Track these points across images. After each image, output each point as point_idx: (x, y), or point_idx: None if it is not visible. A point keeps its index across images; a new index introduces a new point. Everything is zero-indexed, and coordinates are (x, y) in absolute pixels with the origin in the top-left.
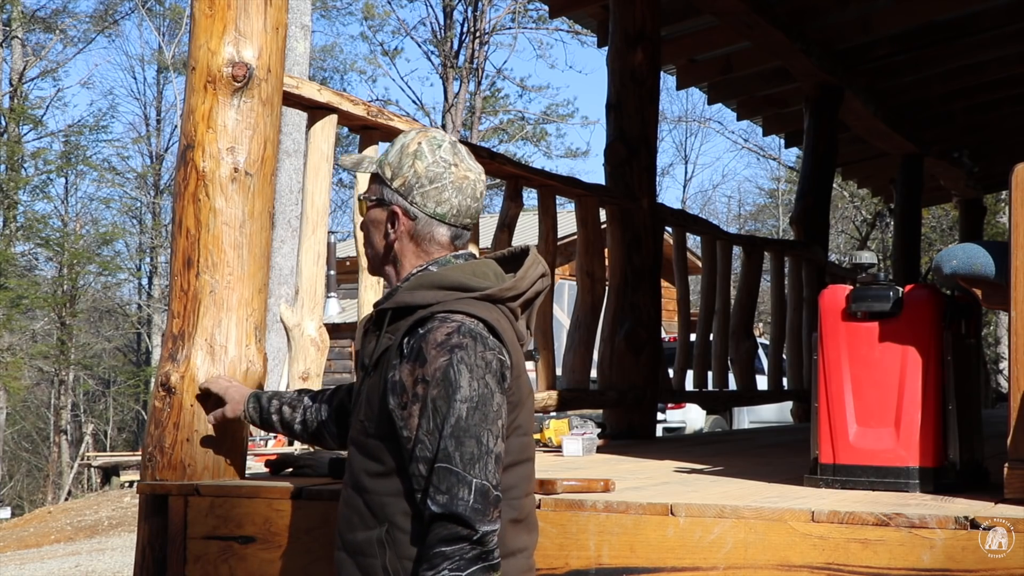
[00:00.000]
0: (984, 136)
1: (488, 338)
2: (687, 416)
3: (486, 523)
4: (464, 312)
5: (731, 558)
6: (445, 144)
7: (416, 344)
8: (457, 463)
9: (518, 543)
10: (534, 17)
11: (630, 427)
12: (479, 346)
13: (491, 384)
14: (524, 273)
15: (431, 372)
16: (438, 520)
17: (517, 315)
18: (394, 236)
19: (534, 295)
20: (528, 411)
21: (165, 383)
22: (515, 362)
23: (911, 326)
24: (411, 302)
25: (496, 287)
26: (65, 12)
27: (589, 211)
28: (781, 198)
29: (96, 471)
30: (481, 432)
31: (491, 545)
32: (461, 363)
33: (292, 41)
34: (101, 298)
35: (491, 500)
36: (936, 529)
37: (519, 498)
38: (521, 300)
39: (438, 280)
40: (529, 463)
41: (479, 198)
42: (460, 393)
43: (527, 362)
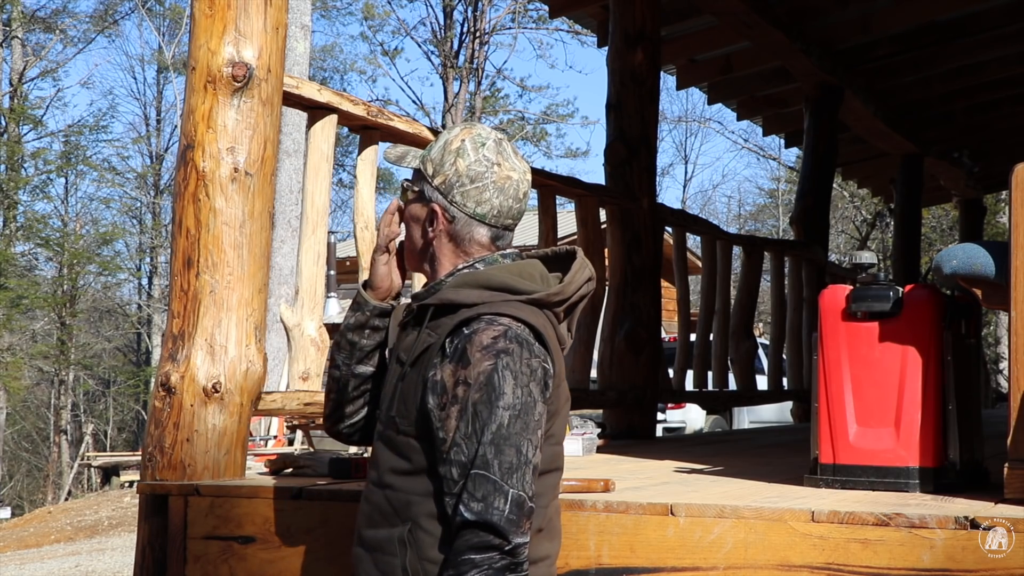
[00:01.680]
0: (984, 136)
1: (534, 344)
2: (687, 416)
3: (519, 534)
4: (511, 315)
5: (731, 558)
6: (489, 142)
7: (461, 345)
8: (495, 471)
9: (541, 551)
10: (534, 17)
11: (630, 427)
12: (525, 352)
13: (534, 392)
14: (572, 278)
15: (474, 375)
16: (470, 527)
17: (560, 318)
18: (432, 235)
19: (579, 299)
20: (562, 419)
21: (165, 383)
22: (557, 370)
23: (911, 326)
24: (456, 300)
25: (544, 291)
26: (65, 12)
27: (589, 211)
28: (781, 198)
29: (96, 471)
30: (521, 441)
31: (521, 557)
32: (506, 369)
33: (292, 41)
34: (101, 298)
35: (526, 511)
36: (936, 529)
37: (545, 507)
38: (567, 304)
39: (484, 280)
40: (557, 472)
41: (522, 198)
42: (504, 400)
43: None
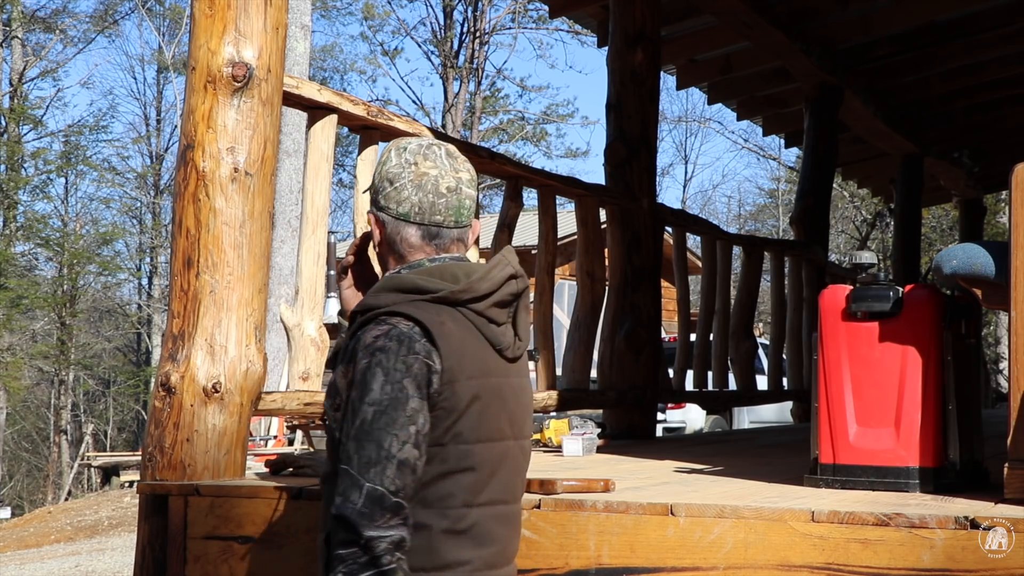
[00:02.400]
0: (984, 136)
1: (418, 342)
2: (687, 416)
3: (372, 528)
4: (406, 314)
5: (731, 558)
6: (412, 146)
7: (352, 346)
8: (354, 466)
9: (456, 555)
10: (534, 17)
11: (630, 427)
12: (403, 349)
13: (408, 388)
14: (485, 274)
15: (354, 374)
16: (334, 522)
17: (493, 319)
18: (377, 245)
19: (508, 297)
20: (477, 418)
21: (165, 383)
22: (450, 366)
23: (911, 326)
24: (371, 304)
25: (448, 289)
26: (65, 12)
27: (589, 211)
28: (781, 198)
29: (96, 471)
30: (384, 436)
31: (378, 550)
32: (378, 366)
33: (292, 41)
34: (101, 298)
35: (386, 506)
36: (936, 529)
37: (456, 507)
38: (490, 302)
39: (398, 282)
40: (472, 473)
41: (445, 192)
42: (370, 396)
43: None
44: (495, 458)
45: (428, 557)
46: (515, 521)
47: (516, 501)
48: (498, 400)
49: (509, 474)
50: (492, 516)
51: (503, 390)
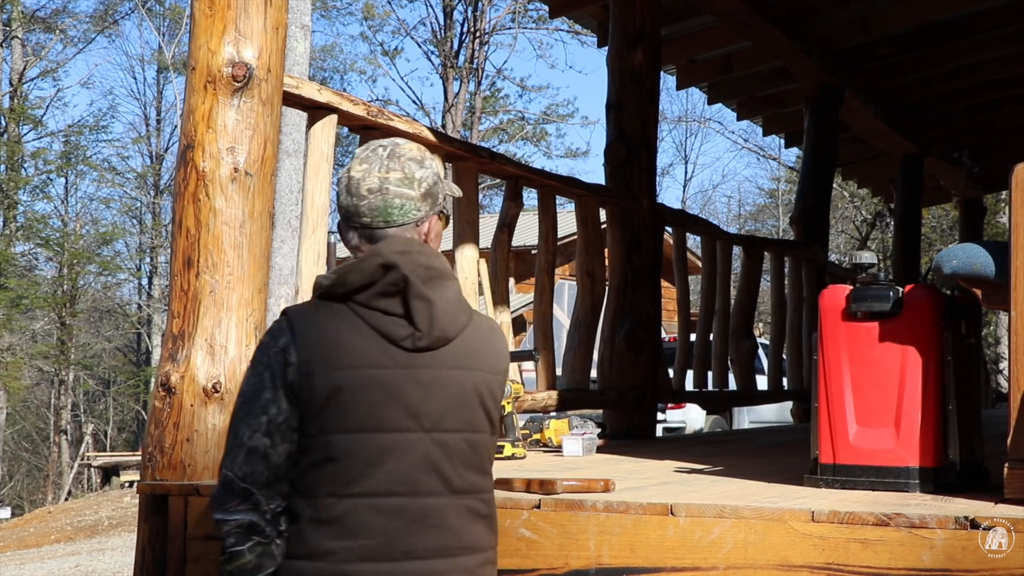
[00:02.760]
0: (984, 136)
1: (282, 336)
2: (687, 416)
3: (220, 512)
4: (284, 311)
5: (731, 558)
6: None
7: None
8: (224, 454)
9: (322, 545)
10: (534, 17)
11: (630, 427)
12: (269, 344)
13: (265, 380)
14: (355, 266)
15: None
16: None
17: (383, 310)
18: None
19: (390, 287)
20: (344, 409)
21: (165, 383)
22: (307, 359)
23: (911, 326)
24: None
25: (324, 286)
26: (65, 12)
27: (589, 211)
28: (781, 198)
29: (96, 471)
30: (240, 426)
31: (223, 531)
32: (251, 361)
33: (292, 41)
34: (101, 298)
35: (234, 491)
36: (936, 529)
37: (320, 497)
38: (373, 293)
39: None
40: (334, 463)
41: (366, 194)
42: (241, 388)
43: (527, 362)
44: (373, 448)
45: (298, 545)
46: (413, 514)
47: (417, 495)
48: (381, 391)
49: (404, 466)
50: (370, 508)
51: (394, 381)
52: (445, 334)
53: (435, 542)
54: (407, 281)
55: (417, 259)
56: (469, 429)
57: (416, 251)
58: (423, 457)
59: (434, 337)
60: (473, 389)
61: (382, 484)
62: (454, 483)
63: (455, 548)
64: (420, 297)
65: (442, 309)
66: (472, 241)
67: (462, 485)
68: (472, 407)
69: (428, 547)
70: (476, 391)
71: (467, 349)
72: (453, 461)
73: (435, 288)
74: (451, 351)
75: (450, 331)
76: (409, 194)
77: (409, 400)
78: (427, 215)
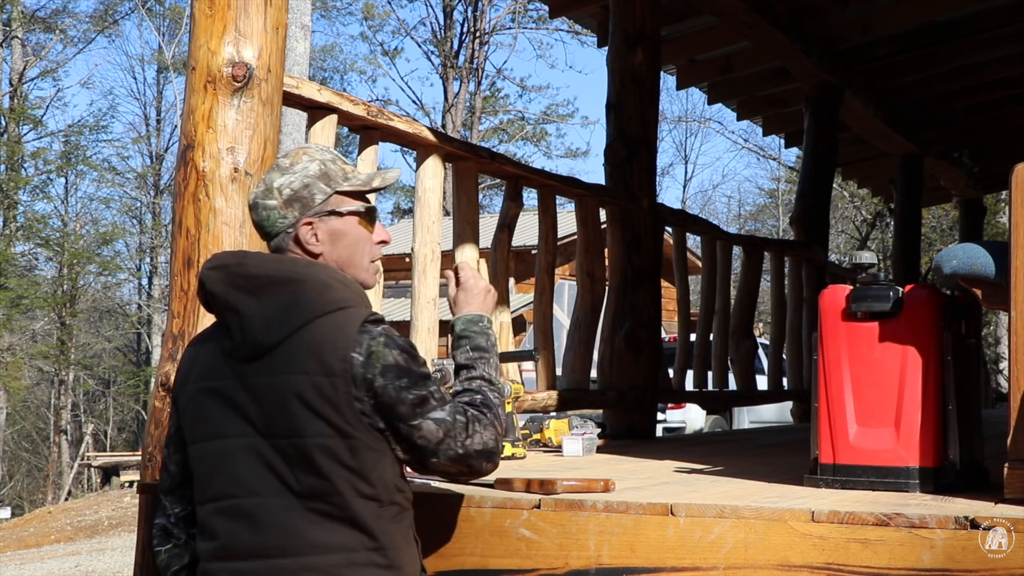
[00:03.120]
0: (984, 136)
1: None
2: (687, 416)
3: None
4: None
5: (731, 558)
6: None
7: None
8: None
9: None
10: (534, 17)
11: (630, 427)
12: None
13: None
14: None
15: None
16: None
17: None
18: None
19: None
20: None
21: (165, 383)
22: (178, 378)
23: (911, 326)
24: None
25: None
26: (65, 12)
27: (589, 211)
28: (781, 198)
29: (96, 471)
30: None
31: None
32: None
33: (292, 41)
34: (101, 298)
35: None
36: (936, 529)
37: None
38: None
39: None
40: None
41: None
42: None
43: (527, 362)
44: (214, 456)
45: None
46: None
47: (256, 495)
48: (218, 401)
49: (241, 470)
50: (215, 511)
51: (227, 391)
52: (259, 342)
53: (278, 541)
54: (213, 296)
55: (235, 270)
56: (293, 435)
57: (235, 263)
58: (260, 461)
59: (248, 346)
60: (294, 394)
61: (223, 488)
62: (293, 486)
63: (305, 547)
64: (229, 309)
65: (255, 318)
66: (472, 241)
67: (302, 489)
68: (293, 412)
69: (271, 545)
70: (298, 396)
71: (294, 354)
72: (290, 465)
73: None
74: (275, 358)
75: (266, 339)
76: (270, 204)
77: (244, 408)
78: (298, 220)
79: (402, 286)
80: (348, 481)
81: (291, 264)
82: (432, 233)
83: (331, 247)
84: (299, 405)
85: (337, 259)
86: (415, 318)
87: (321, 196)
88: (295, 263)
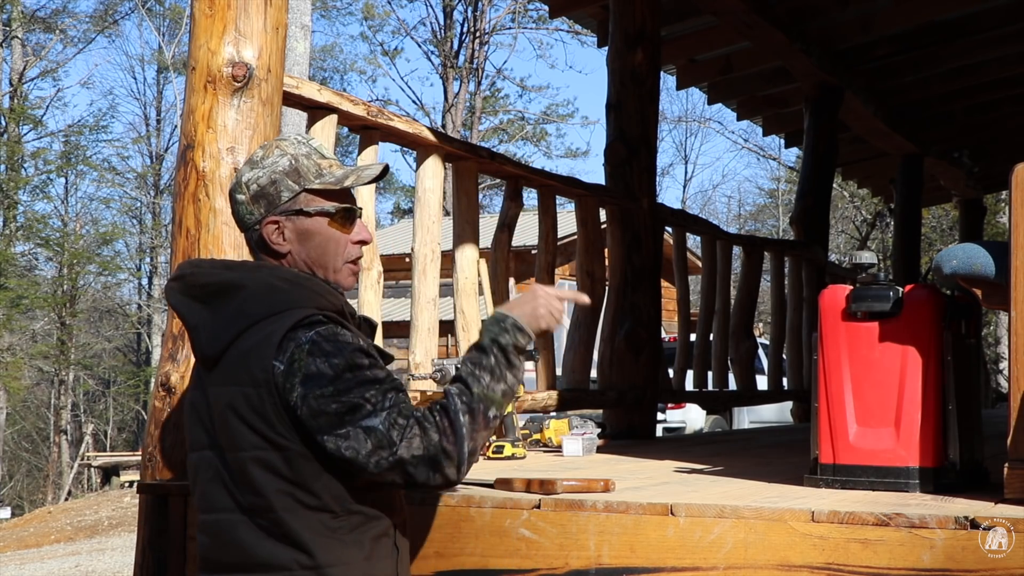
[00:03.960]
0: (984, 136)
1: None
2: (687, 416)
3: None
4: None
5: (731, 558)
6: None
7: None
8: None
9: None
10: (534, 17)
11: (630, 427)
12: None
13: None
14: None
15: None
16: None
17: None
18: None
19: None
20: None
21: (165, 383)
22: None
23: (911, 326)
24: None
25: None
26: (65, 12)
27: (589, 211)
28: (781, 198)
29: (96, 471)
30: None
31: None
32: None
33: (292, 41)
34: (101, 298)
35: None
36: (936, 529)
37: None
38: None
39: None
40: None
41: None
42: None
43: (527, 362)
44: (192, 468)
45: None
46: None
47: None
48: (193, 412)
49: (205, 485)
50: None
51: (197, 402)
52: (203, 353)
53: (231, 558)
54: (174, 307)
55: (189, 280)
56: (232, 449)
57: (190, 272)
58: (216, 476)
59: (199, 358)
60: (230, 407)
61: (198, 502)
62: (240, 500)
63: (251, 564)
64: (183, 319)
65: (203, 328)
66: (472, 241)
67: (246, 503)
68: (232, 425)
69: (227, 562)
70: (232, 408)
71: (231, 365)
72: (235, 480)
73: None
74: (220, 369)
75: (209, 350)
76: (239, 199)
77: (204, 420)
78: (264, 217)
79: (402, 286)
80: (287, 494)
81: (239, 270)
82: (432, 233)
83: (299, 246)
84: (234, 418)
85: (306, 259)
86: (415, 318)
87: (288, 194)
88: (243, 268)
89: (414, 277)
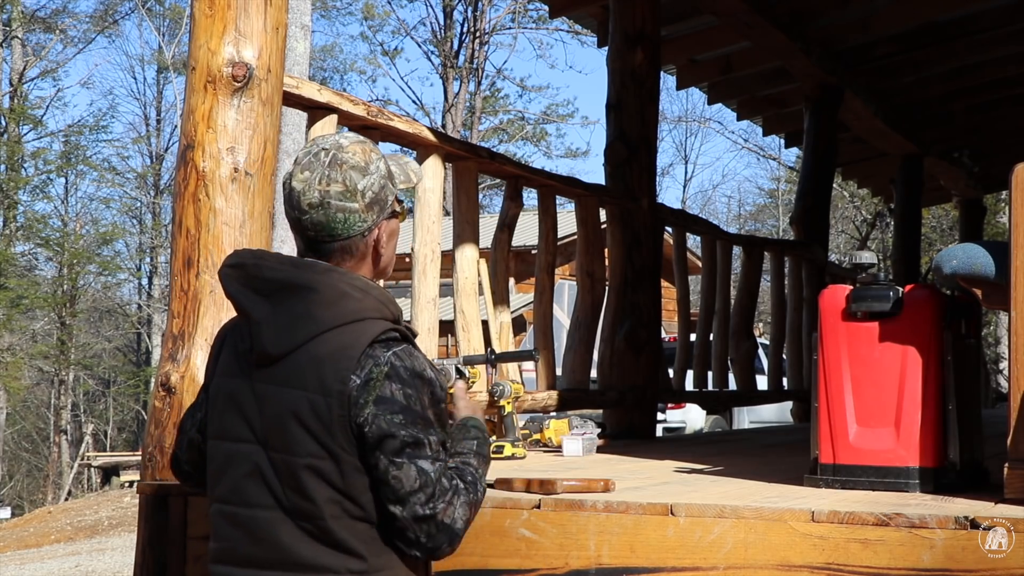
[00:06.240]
0: (984, 136)
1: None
2: (687, 416)
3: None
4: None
5: (731, 558)
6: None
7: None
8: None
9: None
10: (534, 17)
11: (630, 427)
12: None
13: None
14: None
15: None
16: None
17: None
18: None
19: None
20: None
21: (165, 383)
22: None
23: (911, 326)
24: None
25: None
26: (65, 12)
27: (589, 211)
28: (781, 198)
29: (96, 471)
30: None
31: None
32: None
33: (292, 41)
34: (101, 298)
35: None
36: (936, 529)
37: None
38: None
39: None
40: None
41: (306, 209)
42: None
43: (527, 362)
44: (222, 457)
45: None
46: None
47: (249, 506)
48: (230, 401)
49: (239, 478)
50: (220, 513)
51: (239, 393)
52: (265, 351)
53: (267, 555)
54: (232, 296)
55: (251, 271)
56: (285, 451)
57: (252, 263)
58: (255, 469)
59: (256, 353)
60: (291, 411)
61: (225, 492)
62: (284, 502)
63: (288, 564)
64: (243, 312)
65: (265, 325)
66: (472, 241)
67: (290, 505)
68: (289, 429)
69: (261, 558)
70: (294, 413)
71: (297, 368)
72: (281, 480)
73: (269, 302)
74: (281, 368)
75: (273, 349)
76: (352, 207)
77: (248, 414)
78: (375, 223)
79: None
80: (336, 503)
81: (308, 270)
82: (432, 233)
83: (389, 245)
84: (294, 423)
85: (388, 260)
86: (415, 318)
87: (392, 197)
88: (313, 269)
89: (414, 277)
